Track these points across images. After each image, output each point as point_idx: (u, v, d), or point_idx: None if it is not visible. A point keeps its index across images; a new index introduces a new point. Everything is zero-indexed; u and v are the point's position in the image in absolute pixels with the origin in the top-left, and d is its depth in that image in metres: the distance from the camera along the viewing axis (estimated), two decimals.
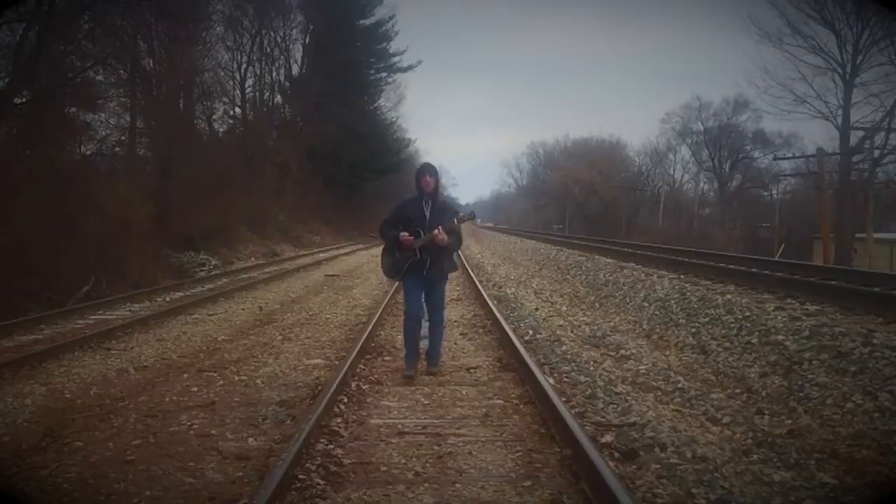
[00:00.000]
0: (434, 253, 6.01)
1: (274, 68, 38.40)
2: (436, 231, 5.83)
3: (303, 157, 37.68)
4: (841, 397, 5.16)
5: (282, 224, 32.99)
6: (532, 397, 5.40)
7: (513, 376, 6.24)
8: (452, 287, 12.34)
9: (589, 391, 5.55)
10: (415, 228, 5.99)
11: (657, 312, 9.50)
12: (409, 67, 47.76)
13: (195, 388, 6.04)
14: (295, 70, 40.74)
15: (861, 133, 31.66)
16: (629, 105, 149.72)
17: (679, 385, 5.89)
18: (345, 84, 40.33)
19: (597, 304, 11.65)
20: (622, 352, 7.35)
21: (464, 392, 5.73)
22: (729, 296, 9.18)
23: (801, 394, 5.47)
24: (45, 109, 14.63)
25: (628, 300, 11.01)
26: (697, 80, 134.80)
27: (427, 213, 6.04)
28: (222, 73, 31.24)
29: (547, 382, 5.36)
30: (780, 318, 7.34)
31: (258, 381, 6.25)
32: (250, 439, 4.63)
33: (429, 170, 6.21)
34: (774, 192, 46.19)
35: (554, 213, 70.91)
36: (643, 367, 6.58)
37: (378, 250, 7.98)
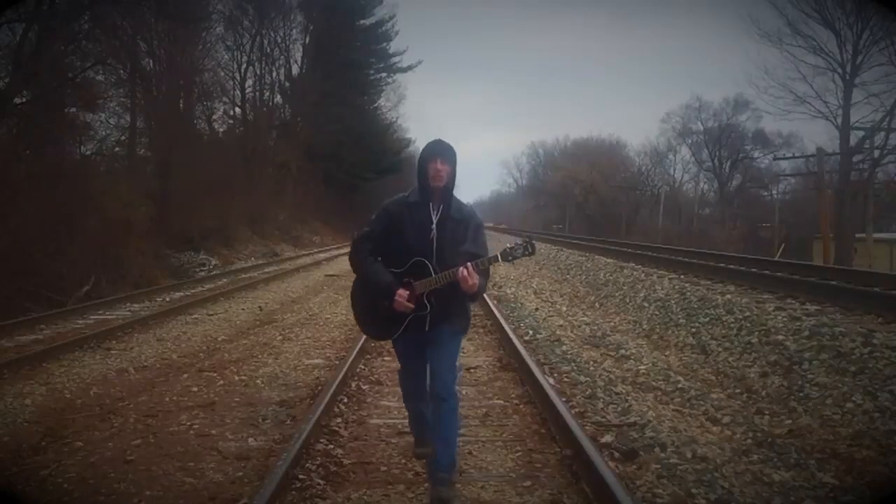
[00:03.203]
0: (446, 297, 3.41)
1: (274, 68, 38.42)
2: (463, 270, 3.25)
3: (303, 157, 37.68)
4: (841, 397, 5.17)
5: (282, 224, 32.99)
6: (532, 397, 5.40)
7: (513, 376, 6.24)
8: None
9: (589, 391, 5.55)
10: (414, 258, 3.39)
11: (657, 312, 9.49)
12: (409, 67, 47.78)
13: (195, 388, 6.04)
14: (295, 70, 40.76)
15: (861, 133, 31.63)
16: (629, 105, 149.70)
17: (679, 385, 5.89)
18: (345, 84, 40.33)
19: (597, 304, 11.65)
20: (622, 352, 7.35)
21: (464, 392, 5.72)
22: (729, 296, 9.17)
23: (801, 394, 5.47)
24: (45, 109, 14.62)
25: (628, 300, 11.02)
26: (697, 80, 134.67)
27: (433, 229, 3.41)
28: (222, 73, 31.28)
29: (547, 382, 5.37)
30: (780, 318, 7.34)
31: (258, 381, 6.26)
32: (250, 439, 4.64)
33: (441, 150, 3.43)
34: (774, 192, 46.13)
35: (554, 213, 70.88)
36: (643, 367, 6.59)
37: None
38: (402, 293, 3.37)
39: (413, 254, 3.40)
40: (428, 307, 3.42)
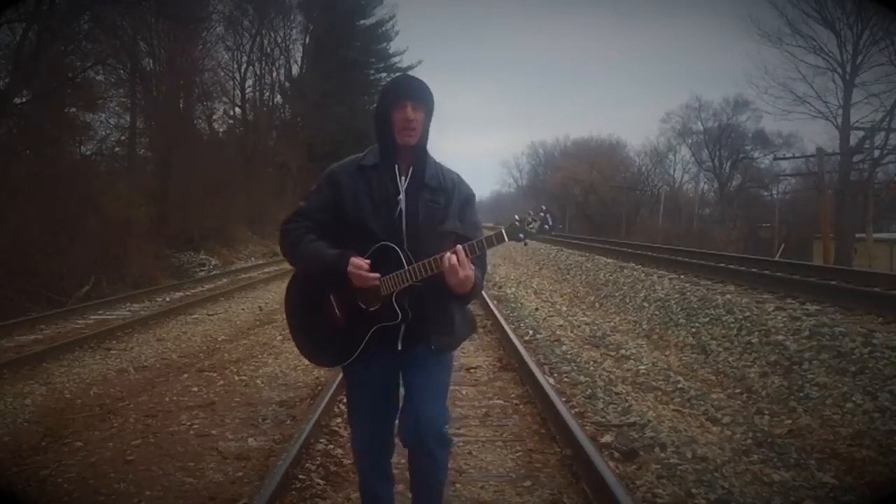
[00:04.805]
0: (425, 300, 2.42)
1: (274, 68, 38.38)
2: (451, 257, 2.27)
3: (303, 157, 37.67)
4: (841, 397, 5.16)
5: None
6: (532, 397, 5.40)
7: (513, 376, 6.24)
8: None
9: (589, 391, 5.55)
10: (378, 244, 2.39)
11: (657, 312, 9.49)
12: (409, 67, 47.59)
13: (195, 388, 6.04)
14: (295, 70, 40.75)
15: (861, 133, 31.62)
16: (629, 105, 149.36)
17: (679, 385, 5.89)
18: (345, 84, 40.30)
19: (597, 304, 11.65)
20: (622, 352, 7.35)
21: (464, 392, 5.73)
22: (729, 296, 9.18)
23: (801, 394, 5.47)
24: (45, 109, 14.63)
25: (628, 300, 11.01)
26: (697, 80, 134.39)
27: (401, 201, 2.44)
28: (222, 73, 31.28)
29: (547, 382, 5.37)
30: (780, 318, 7.34)
31: (258, 381, 6.26)
32: (250, 439, 4.64)
33: (412, 91, 2.42)
34: (774, 192, 46.12)
35: (554, 213, 70.77)
36: (643, 367, 6.59)
37: None
38: (360, 262, 2.33)
39: (375, 239, 2.38)
40: (400, 314, 2.36)
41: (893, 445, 4.32)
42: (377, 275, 2.33)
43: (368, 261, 2.34)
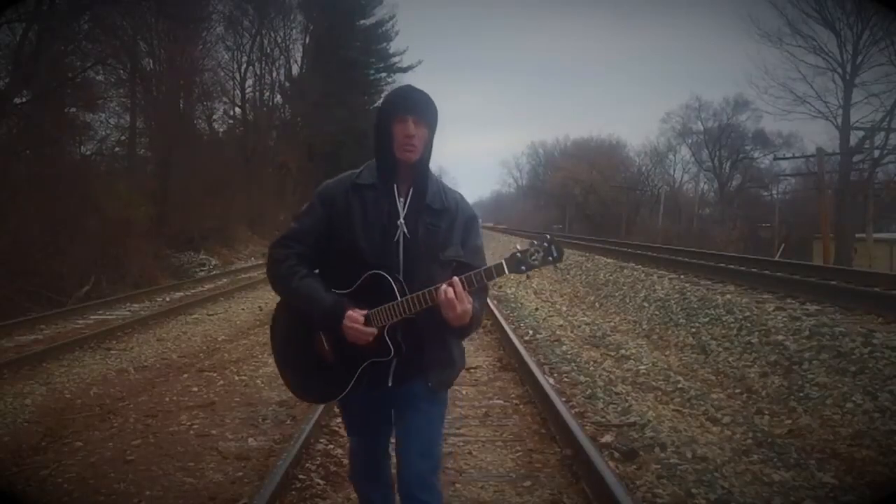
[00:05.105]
0: (422, 333, 2.24)
1: (274, 68, 38.39)
2: (448, 289, 2.08)
3: (303, 157, 37.68)
4: (841, 397, 5.17)
5: (282, 224, 32.92)
6: (532, 397, 5.40)
7: (513, 376, 6.24)
8: None
9: (589, 391, 5.56)
10: (369, 272, 2.18)
11: (657, 312, 9.50)
12: (409, 67, 47.68)
13: (195, 388, 6.04)
14: (295, 70, 40.75)
15: (861, 133, 31.62)
16: (629, 105, 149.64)
17: (679, 385, 5.89)
18: (345, 84, 40.30)
19: (597, 304, 11.66)
20: (622, 352, 7.35)
21: (464, 392, 5.73)
22: (729, 296, 9.18)
23: (801, 394, 5.47)
24: (45, 109, 14.63)
25: (628, 300, 11.02)
26: (697, 80, 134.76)
27: (400, 225, 2.23)
28: (222, 73, 31.28)
29: (547, 382, 5.37)
30: (780, 318, 7.34)
31: (258, 381, 6.26)
32: (250, 439, 4.64)
33: (415, 104, 2.21)
34: (774, 192, 46.11)
35: (554, 213, 70.84)
36: (643, 367, 6.59)
37: None
38: (355, 315, 2.13)
39: (367, 266, 2.18)
40: (392, 349, 2.18)
41: (893, 445, 4.32)
42: (373, 330, 2.14)
43: (365, 312, 2.14)
